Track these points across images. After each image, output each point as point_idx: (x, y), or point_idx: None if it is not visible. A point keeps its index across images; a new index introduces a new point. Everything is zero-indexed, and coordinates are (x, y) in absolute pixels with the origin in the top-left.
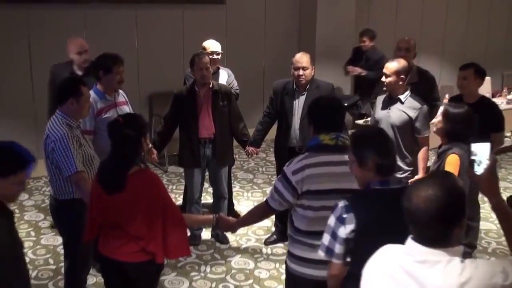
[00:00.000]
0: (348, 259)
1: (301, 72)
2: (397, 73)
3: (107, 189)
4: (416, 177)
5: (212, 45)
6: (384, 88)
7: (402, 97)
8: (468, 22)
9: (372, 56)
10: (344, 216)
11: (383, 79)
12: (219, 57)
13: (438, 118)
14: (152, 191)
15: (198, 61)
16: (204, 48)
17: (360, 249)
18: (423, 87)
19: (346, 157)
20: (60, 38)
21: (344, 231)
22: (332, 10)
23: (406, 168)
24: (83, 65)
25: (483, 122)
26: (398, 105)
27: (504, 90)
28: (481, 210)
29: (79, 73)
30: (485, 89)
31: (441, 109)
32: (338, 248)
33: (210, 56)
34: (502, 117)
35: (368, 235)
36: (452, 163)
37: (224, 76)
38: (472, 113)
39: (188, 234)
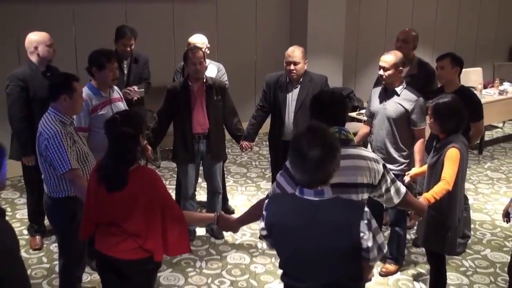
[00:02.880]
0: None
1: (292, 67)
2: (395, 65)
3: (109, 188)
4: (413, 170)
5: (198, 39)
6: (383, 82)
7: (398, 89)
8: (459, 13)
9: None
10: (264, 213)
11: (381, 72)
12: (205, 50)
13: (429, 119)
14: (150, 188)
15: (192, 56)
16: (189, 43)
17: (275, 247)
18: (421, 79)
19: (349, 151)
20: (49, 34)
21: (259, 227)
22: (323, 3)
23: (402, 160)
24: (52, 58)
25: None
26: (394, 97)
27: (496, 81)
28: (474, 202)
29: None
30: (477, 79)
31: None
32: (266, 244)
33: None
34: (481, 105)
35: (273, 235)
36: (452, 157)
37: (213, 70)
38: (458, 100)
39: None
